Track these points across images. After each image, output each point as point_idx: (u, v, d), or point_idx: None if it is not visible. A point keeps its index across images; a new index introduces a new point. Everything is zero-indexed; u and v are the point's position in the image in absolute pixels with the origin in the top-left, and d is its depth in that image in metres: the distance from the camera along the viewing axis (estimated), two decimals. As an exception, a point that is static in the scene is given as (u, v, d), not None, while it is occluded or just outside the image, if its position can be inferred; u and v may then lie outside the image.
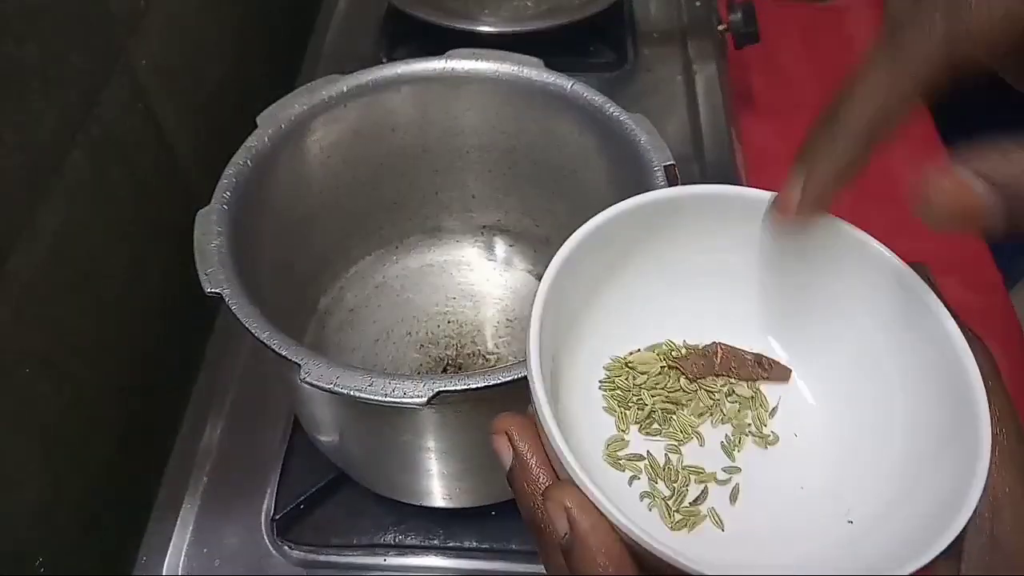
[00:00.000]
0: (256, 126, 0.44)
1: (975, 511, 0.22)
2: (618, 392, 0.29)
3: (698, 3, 0.79)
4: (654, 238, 0.29)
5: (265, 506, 0.49)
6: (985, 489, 0.22)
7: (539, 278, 0.57)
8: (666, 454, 0.28)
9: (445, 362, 0.53)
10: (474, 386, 0.33)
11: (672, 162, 0.41)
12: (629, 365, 0.30)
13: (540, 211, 0.54)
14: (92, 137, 0.45)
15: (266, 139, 0.44)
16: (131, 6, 0.49)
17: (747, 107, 0.76)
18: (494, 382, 0.33)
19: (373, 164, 0.51)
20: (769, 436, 0.29)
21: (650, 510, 0.27)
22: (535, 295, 0.26)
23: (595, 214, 0.28)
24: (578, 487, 0.22)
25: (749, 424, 0.29)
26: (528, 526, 0.24)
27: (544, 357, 0.25)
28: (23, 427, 0.40)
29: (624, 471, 0.28)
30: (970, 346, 0.25)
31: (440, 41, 0.52)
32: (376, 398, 0.33)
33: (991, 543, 0.22)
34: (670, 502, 0.27)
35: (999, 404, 0.24)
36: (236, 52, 0.65)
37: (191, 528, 0.49)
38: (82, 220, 0.44)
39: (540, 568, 0.46)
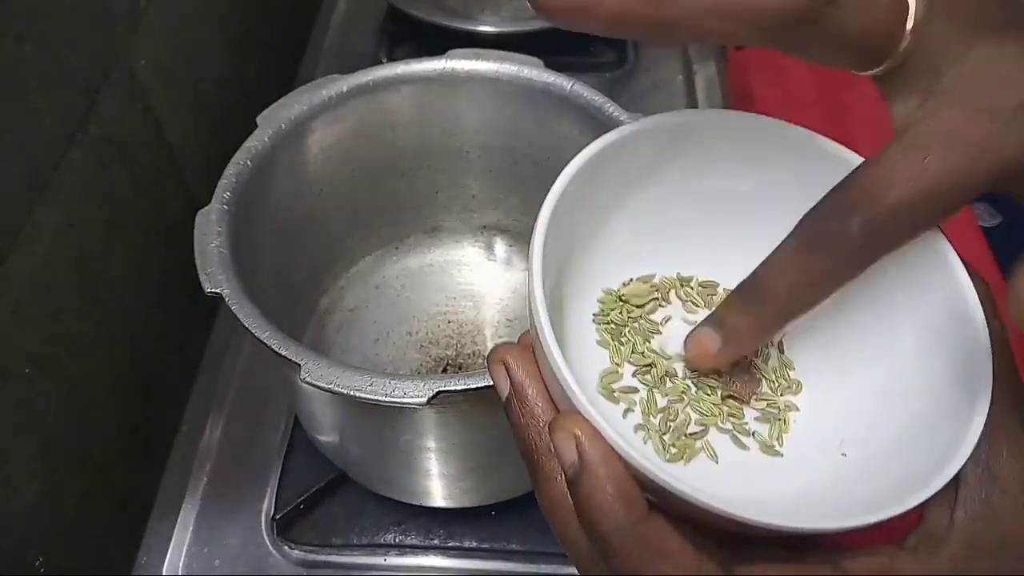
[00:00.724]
0: (256, 126, 0.44)
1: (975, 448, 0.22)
2: (612, 326, 0.29)
3: (698, 3, 0.79)
4: (657, 165, 0.29)
5: (265, 506, 0.49)
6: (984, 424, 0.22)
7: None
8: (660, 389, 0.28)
9: (445, 362, 0.53)
10: (474, 386, 0.33)
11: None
12: (622, 298, 0.30)
13: (540, 211, 0.54)
14: (92, 137, 0.45)
15: (266, 139, 0.44)
16: (131, 6, 0.49)
17: (747, 107, 0.76)
18: (494, 382, 0.33)
19: (373, 164, 0.51)
20: (768, 373, 0.29)
21: (645, 443, 0.27)
22: (537, 217, 0.25)
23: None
24: (585, 418, 0.22)
25: (749, 360, 0.29)
26: (523, 456, 0.24)
27: (546, 284, 0.24)
28: (23, 427, 0.40)
29: (618, 403, 0.27)
30: (969, 277, 0.25)
31: (440, 41, 0.52)
32: (376, 398, 0.33)
33: (987, 473, 0.22)
34: (665, 436, 0.27)
35: (996, 340, 0.24)
36: (236, 52, 0.65)
37: (191, 528, 0.49)
38: (82, 220, 0.44)
39: (540, 568, 0.46)
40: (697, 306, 0.30)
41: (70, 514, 0.45)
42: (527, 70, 0.47)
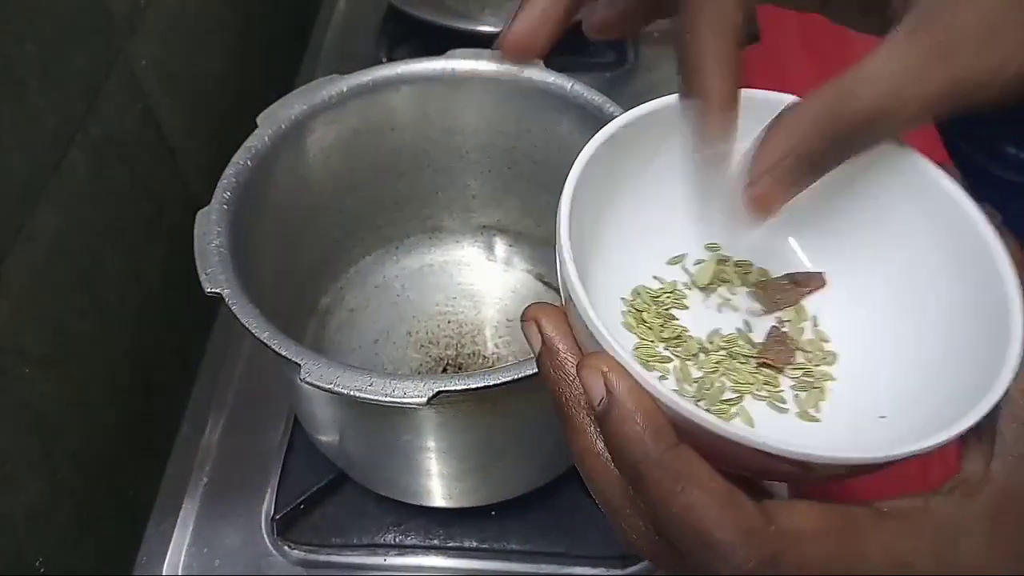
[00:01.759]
0: (256, 126, 0.44)
1: (1007, 394, 0.22)
2: (640, 305, 0.29)
3: (698, 3, 0.79)
4: (672, 140, 0.29)
5: (265, 506, 0.49)
6: (1018, 376, 0.23)
7: (539, 278, 0.57)
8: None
9: (445, 362, 0.53)
10: (474, 386, 0.33)
11: (672, 162, 0.41)
12: (657, 279, 0.30)
13: (540, 211, 0.54)
14: (92, 137, 0.45)
15: (266, 139, 0.44)
16: (131, 6, 0.49)
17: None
18: (494, 382, 0.33)
19: (373, 164, 0.51)
20: (803, 344, 0.29)
21: None
22: (566, 178, 0.26)
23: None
24: (612, 356, 0.22)
25: (783, 332, 0.29)
26: (555, 410, 0.24)
27: (574, 238, 0.24)
28: (23, 427, 0.40)
29: (652, 371, 0.27)
30: (999, 237, 0.25)
31: (440, 41, 0.51)
32: (376, 398, 0.33)
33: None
34: (701, 403, 0.27)
35: None
36: (236, 52, 0.65)
37: (191, 528, 0.49)
38: (82, 220, 0.44)
39: (540, 568, 0.46)
40: (732, 284, 0.30)
41: (70, 514, 0.45)
42: (527, 70, 0.47)
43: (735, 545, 0.20)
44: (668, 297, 0.29)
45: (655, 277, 0.30)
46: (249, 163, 0.43)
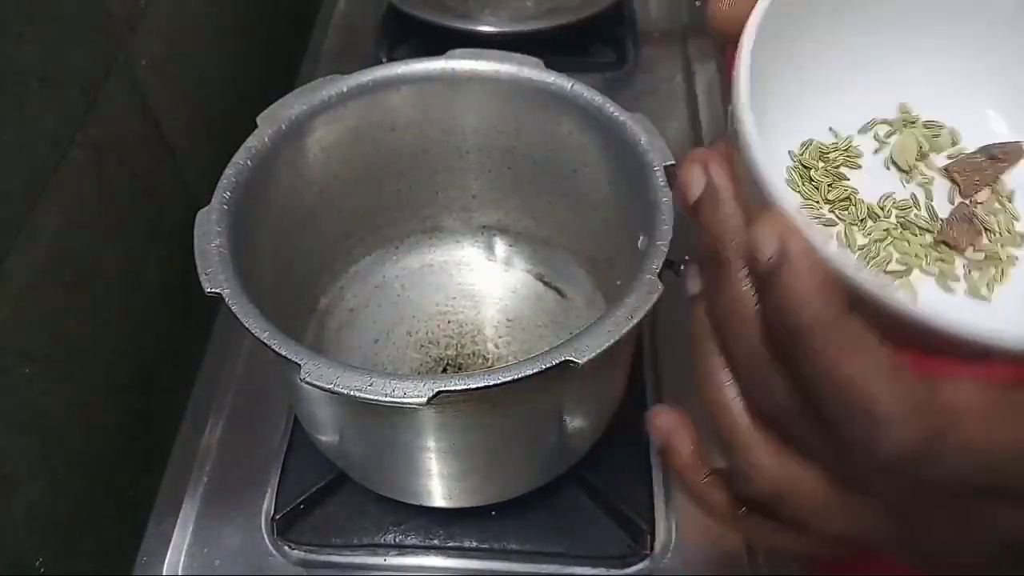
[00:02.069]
0: (256, 126, 0.44)
1: None
2: (807, 162, 0.27)
3: (698, 3, 0.79)
4: None
5: (265, 506, 0.49)
6: None
7: (539, 278, 0.57)
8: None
9: (445, 362, 0.53)
10: (474, 386, 0.33)
11: (672, 162, 0.41)
12: (822, 148, 0.27)
13: (540, 211, 0.54)
14: (92, 137, 0.45)
15: (266, 139, 0.44)
16: (131, 6, 0.49)
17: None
18: (494, 382, 0.33)
19: (373, 164, 0.51)
20: (991, 224, 0.26)
21: None
22: (747, 24, 0.24)
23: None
24: (787, 215, 0.21)
25: (971, 208, 0.26)
26: (708, 256, 0.23)
27: (752, 87, 0.23)
28: (23, 427, 0.40)
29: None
30: None
31: (440, 41, 0.52)
32: (376, 398, 0.33)
33: None
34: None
35: None
36: (236, 52, 0.65)
37: (191, 528, 0.49)
38: (82, 220, 0.44)
39: (540, 568, 0.46)
40: (918, 147, 0.28)
41: (70, 514, 0.45)
42: (527, 70, 0.47)
43: (900, 418, 0.19)
44: (840, 155, 0.27)
45: (830, 129, 0.28)
46: (249, 163, 0.43)
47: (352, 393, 0.33)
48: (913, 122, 0.28)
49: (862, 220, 0.26)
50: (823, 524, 0.23)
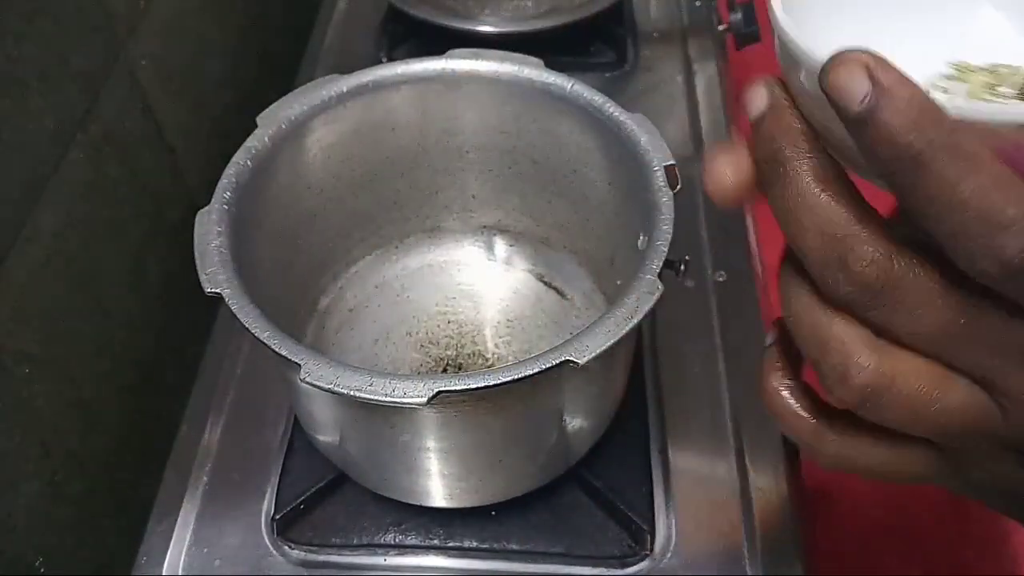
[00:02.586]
0: (256, 126, 0.44)
1: None
2: None
3: (698, 3, 0.79)
4: None
5: (265, 506, 0.49)
6: None
7: (539, 278, 0.57)
8: None
9: (445, 362, 0.53)
10: (474, 386, 0.33)
11: (672, 162, 0.41)
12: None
13: (540, 211, 0.54)
14: (92, 137, 0.45)
15: (266, 139, 0.44)
16: (131, 6, 0.49)
17: (748, 107, 0.76)
18: (494, 382, 0.33)
19: (373, 164, 0.51)
20: None
21: None
22: None
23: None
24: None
25: None
26: (768, 165, 0.24)
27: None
28: (23, 427, 0.40)
29: None
30: None
31: (440, 41, 0.52)
32: (376, 398, 0.33)
33: None
34: None
35: None
36: (236, 52, 0.65)
37: (191, 528, 0.49)
38: (82, 220, 0.44)
39: (540, 568, 0.46)
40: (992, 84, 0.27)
41: (70, 514, 0.45)
42: (527, 70, 0.47)
43: None
44: None
45: None
46: (249, 163, 0.43)
47: (352, 393, 0.33)
48: (973, 71, 0.27)
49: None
50: (924, 411, 0.22)
